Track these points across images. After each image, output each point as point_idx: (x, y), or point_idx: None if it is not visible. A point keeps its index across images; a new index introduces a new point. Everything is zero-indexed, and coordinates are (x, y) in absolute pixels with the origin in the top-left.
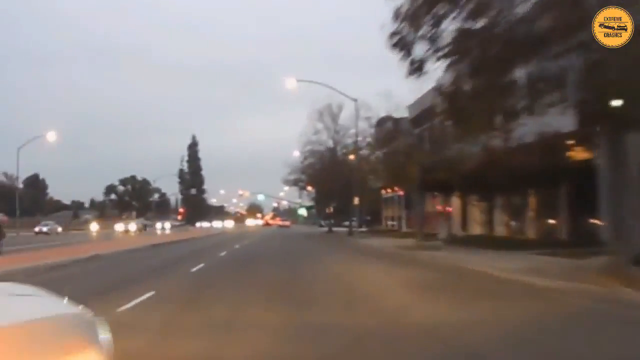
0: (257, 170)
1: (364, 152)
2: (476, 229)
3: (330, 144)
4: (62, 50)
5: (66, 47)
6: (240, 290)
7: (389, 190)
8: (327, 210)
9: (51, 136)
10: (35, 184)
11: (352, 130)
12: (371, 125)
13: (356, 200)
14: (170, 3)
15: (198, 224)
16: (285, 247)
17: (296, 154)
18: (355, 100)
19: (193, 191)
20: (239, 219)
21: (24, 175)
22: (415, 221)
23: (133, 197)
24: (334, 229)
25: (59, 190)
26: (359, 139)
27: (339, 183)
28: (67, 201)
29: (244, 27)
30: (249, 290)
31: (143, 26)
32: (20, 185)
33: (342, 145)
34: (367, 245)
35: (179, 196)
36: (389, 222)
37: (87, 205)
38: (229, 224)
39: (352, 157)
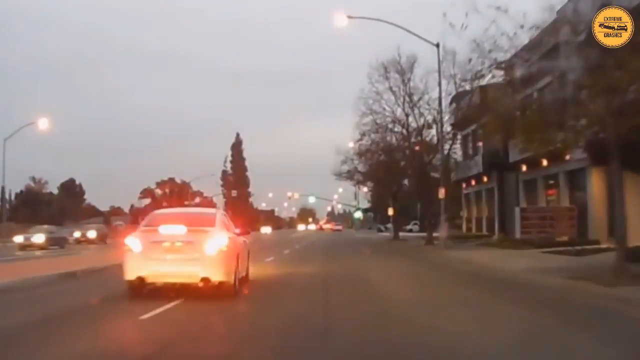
0: (310, 176)
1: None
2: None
3: (399, 113)
4: (102, 57)
5: (107, 54)
6: None
7: (473, 183)
8: (389, 212)
9: (43, 123)
10: (72, 189)
11: (429, 95)
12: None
13: (442, 193)
14: (217, 10)
15: None
16: (330, 283)
17: (350, 144)
18: (436, 45)
19: (234, 193)
20: (289, 223)
21: (59, 180)
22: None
23: (172, 202)
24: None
25: (101, 197)
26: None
27: (408, 169)
28: (106, 207)
29: (291, 33)
30: None
31: (187, 32)
32: (55, 191)
33: (416, 114)
34: (484, 270)
35: (223, 200)
36: (470, 225)
37: (127, 211)
38: (266, 230)
39: (417, 144)
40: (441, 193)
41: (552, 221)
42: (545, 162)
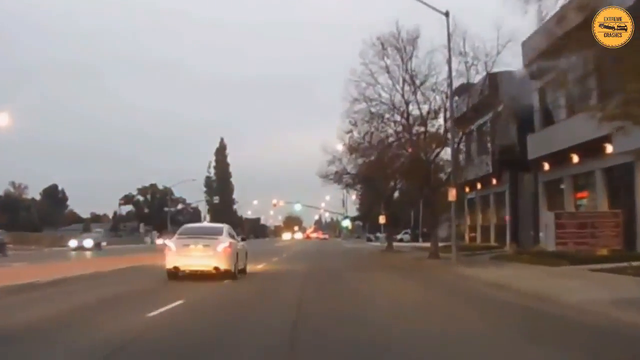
0: (297, 184)
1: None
2: None
3: (398, 100)
4: (97, 63)
5: (102, 60)
6: None
7: (479, 186)
8: (380, 219)
9: (2, 119)
10: (54, 195)
11: (435, 78)
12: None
13: (452, 195)
14: (205, 15)
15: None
16: None
17: (339, 147)
18: (445, 14)
19: (216, 199)
20: (274, 232)
21: (41, 185)
22: (610, 231)
23: (154, 208)
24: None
25: (84, 203)
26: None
27: (406, 167)
28: (88, 213)
29: (280, 38)
30: None
31: (179, 41)
32: (38, 196)
33: (419, 100)
34: (537, 302)
35: (206, 207)
36: (474, 234)
37: (111, 217)
38: None
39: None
40: (451, 195)
41: (593, 230)
42: (575, 158)
